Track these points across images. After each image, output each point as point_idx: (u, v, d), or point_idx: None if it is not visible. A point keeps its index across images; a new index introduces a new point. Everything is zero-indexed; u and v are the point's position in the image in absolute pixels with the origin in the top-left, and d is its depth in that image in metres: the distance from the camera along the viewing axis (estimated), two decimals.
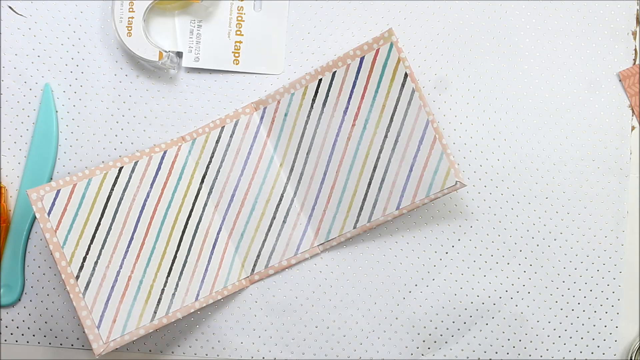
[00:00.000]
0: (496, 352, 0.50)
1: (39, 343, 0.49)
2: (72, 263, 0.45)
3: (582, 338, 0.50)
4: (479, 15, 0.52)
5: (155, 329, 0.46)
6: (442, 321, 0.50)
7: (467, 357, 0.50)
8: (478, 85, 0.51)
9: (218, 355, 0.49)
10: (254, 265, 0.49)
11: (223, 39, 0.50)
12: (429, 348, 0.50)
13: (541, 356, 0.49)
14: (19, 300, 0.49)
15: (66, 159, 0.50)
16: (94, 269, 0.46)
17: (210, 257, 0.48)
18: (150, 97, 0.50)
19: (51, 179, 0.50)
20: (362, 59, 0.47)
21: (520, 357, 0.50)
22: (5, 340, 0.49)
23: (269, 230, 0.49)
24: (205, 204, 0.49)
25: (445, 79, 0.51)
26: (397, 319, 0.50)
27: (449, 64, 0.51)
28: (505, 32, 0.52)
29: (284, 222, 0.49)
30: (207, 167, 0.49)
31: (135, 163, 0.48)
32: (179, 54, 0.50)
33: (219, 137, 0.49)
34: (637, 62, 0.52)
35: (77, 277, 0.45)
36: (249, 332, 0.50)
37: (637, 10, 0.52)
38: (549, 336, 0.50)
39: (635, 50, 0.52)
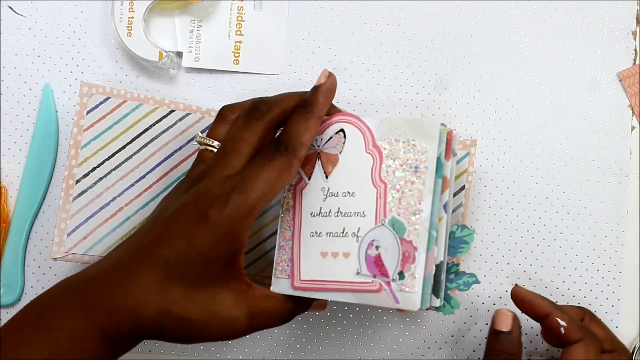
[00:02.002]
0: None
1: None
2: (80, 166, 0.46)
3: None
4: (479, 15, 0.52)
5: None
6: (442, 321, 0.50)
7: (467, 357, 0.50)
8: (478, 85, 0.51)
9: (218, 356, 0.49)
10: None
11: (223, 39, 0.50)
12: (429, 348, 0.50)
13: (541, 356, 0.49)
14: (19, 300, 0.49)
15: (66, 159, 0.50)
16: (96, 183, 0.46)
17: None
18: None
19: (51, 179, 0.50)
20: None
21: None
22: None
23: (263, 242, 0.48)
24: None
25: (445, 79, 0.51)
26: (397, 318, 0.50)
27: (449, 64, 0.51)
28: (505, 32, 0.52)
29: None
30: None
31: (187, 114, 0.47)
32: (179, 54, 0.50)
33: None
34: (637, 62, 0.52)
35: (78, 181, 0.45)
36: None
37: (637, 10, 0.52)
38: None
39: (635, 50, 0.52)
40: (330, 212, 0.39)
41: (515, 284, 0.44)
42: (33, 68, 0.50)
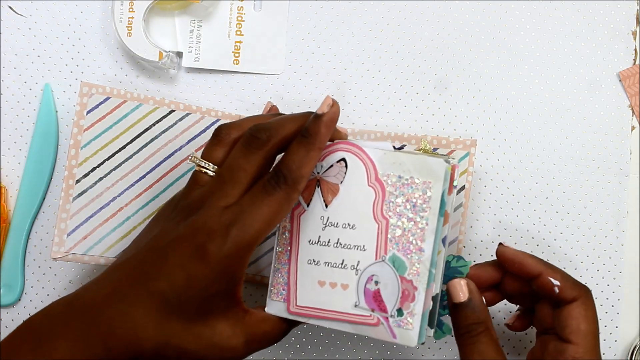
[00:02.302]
0: None
1: None
2: (80, 166, 0.46)
3: None
4: (479, 15, 0.52)
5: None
6: None
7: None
8: (478, 85, 0.51)
9: None
10: None
11: (223, 39, 0.50)
12: (429, 348, 0.50)
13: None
14: (19, 300, 0.49)
15: (66, 159, 0.50)
16: (96, 182, 0.46)
17: None
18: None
19: (51, 179, 0.50)
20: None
21: (520, 357, 0.50)
22: None
23: (262, 242, 0.48)
24: None
25: (445, 79, 0.51)
26: None
27: (449, 64, 0.51)
28: (505, 32, 0.52)
29: None
30: None
31: (187, 114, 0.47)
32: (179, 54, 0.50)
33: None
34: (637, 62, 0.52)
35: (78, 181, 0.45)
36: None
37: (637, 10, 0.52)
38: None
39: (635, 50, 0.52)
40: (329, 242, 0.39)
41: (500, 243, 0.42)
42: (33, 68, 0.50)
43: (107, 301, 0.35)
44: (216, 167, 0.38)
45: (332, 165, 0.39)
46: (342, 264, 0.39)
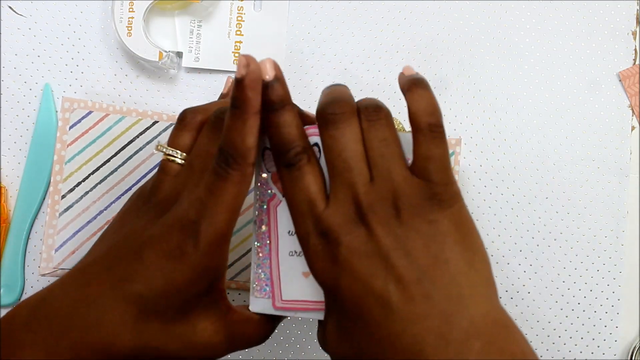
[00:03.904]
0: None
1: None
2: (65, 181, 0.46)
3: (582, 338, 0.50)
4: (479, 16, 0.52)
5: None
6: None
7: None
8: (478, 85, 0.51)
9: None
10: None
11: (223, 39, 0.50)
12: None
13: (541, 356, 0.49)
14: (19, 300, 0.49)
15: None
16: (81, 197, 0.46)
17: None
18: (150, 97, 0.50)
19: (51, 179, 0.50)
20: None
21: None
22: None
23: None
24: None
25: (445, 79, 0.51)
26: None
27: (449, 64, 0.51)
28: (505, 32, 0.52)
29: None
30: None
31: (171, 124, 0.48)
32: (179, 54, 0.50)
33: None
34: (637, 62, 0.52)
35: (63, 196, 0.46)
36: None
37: (637, 10, 0.52)
38: (548, 336, 0.50)
39: (635, 50, 0.52)
40: None
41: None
42: (33, 68, 0.50)
43: (76, 307, 0.32)
44: (184, 154, 0.36)
45: None
46: None
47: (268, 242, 0.38)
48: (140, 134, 0.47)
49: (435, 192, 0.32)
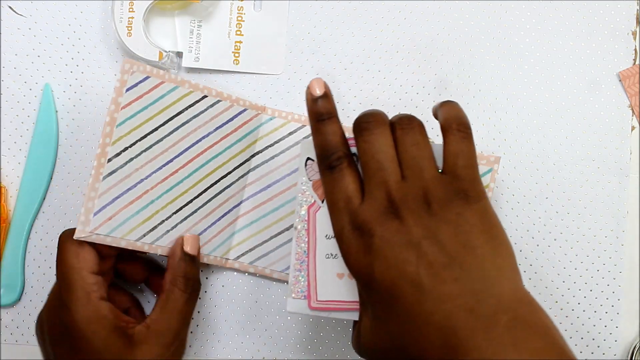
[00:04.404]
0: None
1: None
2: (113, 144, 0.44)
3: (582, 338, 0.50)
4: (479, 15, 0.52)
5: (133, 249, 0.45)
6: None
7: None
8: (478, 85, 0.51)
9: (218, 355, 0.49)
10: (241, 255, 0.48)
11: (223, 39, 0.50)
12: None
13: None
14: (19, 300, 0.49)
15: (66, 159, 0.50)
16: (125, 163, 0.44)
17: (215, 222, 0.47)
18: None
19: (51, 179, 0.50)
20: None
21: None
22: (5, 340, 0.49)
23: (275, 236, 0.48)
24: (243, 176, 0.48)
25: (445, 79, 0.51)
26: None
27: (449, 64, 0.51)
28: (506, 32, 0.52)
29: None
30: (267, 147, 0.49)
31: (218, 101, 0.47)
32: (179, 54, 0.50)
33: (295, 131, 0.49)
34: (637, 62, 0.52)
35: (109, 160, 0.44)
36: (249, 331, 0.50)
37: (637, 10, 0.52)
38: None
39: (636, 50, 0.52)
40: None
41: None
42: (33, 68, 0.50)
43: None
44: None
45: None
46: None
47: (307, 246, 0.41)
48: (190, 106, 0.46)
49: (463, 188, 0.36)
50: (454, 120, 0.38)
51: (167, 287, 0.43)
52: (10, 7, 0.50)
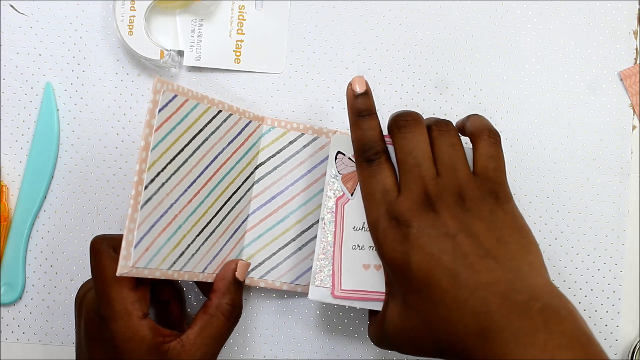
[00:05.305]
0: None
1: (40, 342, 0.49)
2: (149, 170, 0.40)
3: None
4: (479, 15, 0.52)
5: (164, 278, 0.42)
6: None
7: None
8: (478, 85, 0.51)
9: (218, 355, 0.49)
10: (251, 270, 0.48)
11: (224, 37, 0.50)
12: None
13: None
14: (20, 298, 0.49)
15: (67, 157, 0.50)
16: (158, 189, 0.40)
17: (229, 239, 0.46)
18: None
19: (52, 177, 0.50)
20: None
21: None
22: (6, 339, 0.49)
23: (283, 247, 0.48)
24: (249, 190, 0.47)
25: (446, 79, 0.51)
26: None
27: (449, 64, 0.51)
28: (506, 31, 0.52)
29: (301, 248, 0.48)
30: (269, 159, 0.48)
31: (229, 115, 0.45)
32: (180, 53, 0.50)
33: (294, 140, 0.48)
34: (638, 62, 0.52)
35: (146, 187, 0.40)
36: (250, 331, 0.50)
37: (638, 9, 0.52)
38: None
39: (636, 49, 0.52)
40: None
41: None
42: (34, 67, 0.50)
43: None
44: None
45: None
46: None
47: (333, 236, 0.42)
48: (208, 123, 0.44)
49: (494, 189, 0.38)
50: (484, 128, 0.40)
51: (212, 310, 0.42)
52: (11, 6, 0.50)
